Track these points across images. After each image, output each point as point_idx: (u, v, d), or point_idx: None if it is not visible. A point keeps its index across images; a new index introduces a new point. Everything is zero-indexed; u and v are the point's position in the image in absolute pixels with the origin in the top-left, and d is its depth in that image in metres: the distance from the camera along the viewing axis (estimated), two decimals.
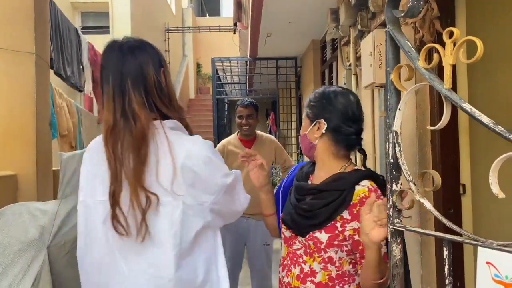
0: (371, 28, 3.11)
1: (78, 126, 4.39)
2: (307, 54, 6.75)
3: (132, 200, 1.15)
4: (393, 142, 1.17)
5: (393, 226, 1.15)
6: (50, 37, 3.62)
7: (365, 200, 1.28)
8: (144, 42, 1.40)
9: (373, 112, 3.28)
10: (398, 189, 1.21)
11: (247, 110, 3.25)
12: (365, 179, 1.34)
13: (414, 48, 1.11)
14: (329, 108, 1.39)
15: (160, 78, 1.31)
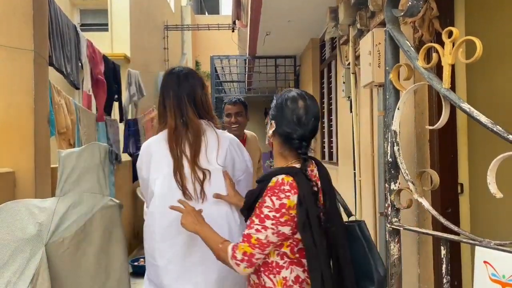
0: (370, 27, 3.11)
1: (77, 124, 4.38)
2: (306, 53, 6.75)
3: (192, 176, 1.78)
4: (391, 141, 1.17)
5: (391, 225, 1.15)
6: (50, 34, 3.60)
7: (269, 188, 1.43)
8: (193, 71, 2.03)
9: (372, 111, 3.28)
10: (396, 188, 1.22)
11: (235, 108, 3.12)
12: (282, 174, 1.46)
13: (413, 47, 1.12)
14: (280, 112, 1.55)
15: (203, 96, 1.95)
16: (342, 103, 4.39)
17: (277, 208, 1.39)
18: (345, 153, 4.31)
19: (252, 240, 1.40)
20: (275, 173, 1.46)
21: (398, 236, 1.18)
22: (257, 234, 1.40)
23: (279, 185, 1.41)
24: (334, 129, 5.10)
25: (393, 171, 1.14)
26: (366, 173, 3.45)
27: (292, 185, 1.40)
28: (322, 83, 6.03)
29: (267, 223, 1.39)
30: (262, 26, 5.45)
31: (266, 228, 1.39)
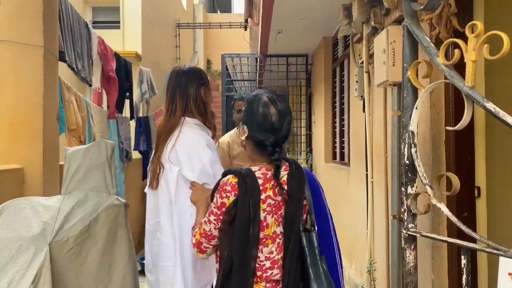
0: (385, 25, 3.03)
1: (88, 121, 4.36)
2: (318, 51, 6.66)
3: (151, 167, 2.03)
4: (409, 142, 1.11)
5: (407, 231, 1.09)
6: (62, 30, 3.59)
7: (217, 185, 1.55)
8: (193, 69, 2.13)
9: (385, 111, 3.20)
10: (413, 192, 1.15)
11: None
12: (232, 174, 1.53)
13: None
14: (251, 117, 1.56)
15: (198, 93, 2.05)
16: (354, 102, 4.30)
17: (218, 206, 1.49)
18: (357, 154, 4.23)
19: (201, 229, 1.56)
20: (228, 172, 1.56)
21: (415, 242, 1.11)
22: (205, 225, 1.55)
23: (223, 184, 1.51)
24: (346, 129, 5.01)
25: (410, 174, 1.08)
26: (378, 175, 3.37)
27: (234, 187, 1.47)
28: (334, 82, 5.94)
29: (211, 217, 1.53)
30: (274, 24, 5.39)
31: (210, 222, 1.53)
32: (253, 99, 1.59)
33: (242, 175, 1.47)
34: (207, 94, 2.11)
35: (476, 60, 0.93)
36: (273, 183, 1.49)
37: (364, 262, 3.63)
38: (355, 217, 4.22)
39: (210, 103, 2.14)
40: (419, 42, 1.02)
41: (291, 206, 1.49)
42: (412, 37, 1.06)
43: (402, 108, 1.12)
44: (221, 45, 14.29)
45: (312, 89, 7.42)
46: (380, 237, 3.28)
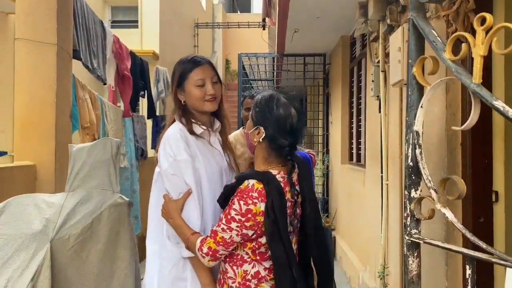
0: (401, 22, 2.94)
1: (102, 119, 4.40)
2: (336, 51, 6.56)
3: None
4: (413, 143, 1.04)
5: (409, 238, 1.02)
6: (77, 28, 3.62)
7: (239, 191, 1.46)
8: (188, 58, 1.89)
9: (401, 111, 3.10)
10: (417, 196, 1.09)
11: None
12: (255, 179, 1.47)
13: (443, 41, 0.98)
14: (269, 118, 1.51)
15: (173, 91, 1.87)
16: (371, 102, 4.21)
17: (243, 213, 1.43)
18: (373, 155, 4.13)
19: (217, 237, 1.47)
20: (248, 176, 1.49)
21: (418, 250, 1.05)
22: (223, 233, 1.46)
23: (248, 190, 1.44)
24: (363, 130, 4.91)
25: (413, 177, 1.02)
26: (393, 177, 3.27)
27: (260, 193, 1.43)
28: (351, 82, 5.84)
29: (233, 224, 1.45)
30: (290, 22, 5.32)
31: (231, 229, 1.45)
32: (270, 99, 1.55)
33: (267, 181, 1.45)
34: (180, 93, 1.84)
35: (484, 55, 0.85)
36: (289, 186, 1.51)
37: (378, 266, 3.54)
38: (370, 219, 4.13)
39: (192, 98, 1.80)
40: (425, 37, 0.96)
41: (307, 207, 1.54)
42: (418, 31, 1.00)
43: (407, 106, 1.05)
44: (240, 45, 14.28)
45: (330, 89, 7.32)
46: (394, 241, 3.18)
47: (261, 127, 1.52)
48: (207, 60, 1.88)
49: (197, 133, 1.79)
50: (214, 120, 1.92)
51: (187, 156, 1.71)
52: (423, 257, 2.50)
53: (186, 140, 1.75)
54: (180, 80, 1.82)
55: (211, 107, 1.82)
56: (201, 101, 1.79)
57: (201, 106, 1.80)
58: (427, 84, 1.02)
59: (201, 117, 1.85)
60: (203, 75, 1.80)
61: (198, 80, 1.79)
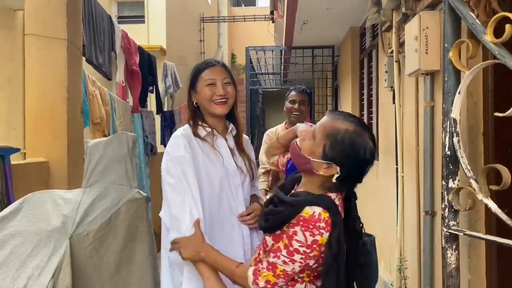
0: (417, 11, 2.87)
1: (112, 115, 4.37)
2: (345, 42, 6.49)
3: None
4: (450, 131, 0.99)
5: (448, 230, 0.98)
6: (83, 24, 3.58)
7: (302, 220, 1.30)
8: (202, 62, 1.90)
9: (417, 102, 3.04)
10: (455, 186, 1.03)
11: (301, 96, 3.14)
12: (319, 207, 1.33)
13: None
14: (351, 161, 1.34)
15: (188, 98, 1.88)
16: (383, 93, 4.14)
17: (308, 244, 1.30)
18: (386, 147, 4.08)
19: (278, 270, 1.33)
20: (310, 202, 1.34)
21: (457, 242, 1.00)
22: (284, 266, 1.33)
23: (315, 221, 1.30)
24: (375, 122, 4.85)
25: (451, 167, 0.97)
26: (409, 169, 3.22)
27: (327, 222, 1.31)
28: (361, 74, 5.77)
29: (296, 257, 1.31)
30: (299, 14, 5.25)
31: (294, 261, 1.32)
32: (356, 141, 1.33)
33: (332, 209, 1.33)
34: (193, 94, 1.84)
35: None
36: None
37: (394, 260, 3.50)
38: (385, 212, 4.08)
39: (201, 99, 1.79)
40: (463, 19, 0.91)
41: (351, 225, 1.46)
42: (455, 14, 0.95)
43: (443, 93, 1.01)
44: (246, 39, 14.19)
45: (339, 81, 7.25)
46: (411, 234, 3.14)
47: (336, 167, 1.34)
48: (221, 62, 1.88)
49: (201, 136, 1.76)
50: (229, 124, 1.90)
51: (185, 152, 1.66)
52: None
53: (189, 139, 1.72)
54: (193, 81, 1.83)
55: (220, 110, 1.77)
56: (210, 102, 1.76)
57: (210, 107, 1.77)
58: (465, 69, 0.97)
59: (213, 121, 1.82)
60: (214, 75, 1.79)
61: (208, 80, 1.77)
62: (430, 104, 2.69)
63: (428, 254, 2.68)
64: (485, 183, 0.93)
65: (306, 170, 1.42)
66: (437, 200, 2.66)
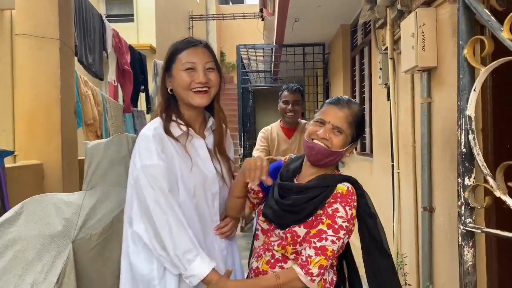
0: (412, 8, 2.88)
1: (104, 115, 4.32)
2: (335, 40, 6.50)
3: None
4: (465, 128, 1.00)
5: (464, 227, 0.98)
6: (74, 23, 3.53)
7: (339, 196, 1.36)
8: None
9: (413, 98, 3.06)
10: (471, 183, 1.04)
11: (294, 96, 3.11)
12: (347, 182, 1.43)
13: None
14: (362, 131, 1.52)
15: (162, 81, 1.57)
16: (377, 90, 4.16)
17: (349, 218, 1.35)
18: (380, 144, 4.10)
19: (328, 252, 1.34)
20: (340, 180, 1.42)
21: (473, 239, 1.01)
22: (333, 245, 1.34)
23: (351, 194, 1.38)
24: (368, 119, 4.87)
25: (467, 164, 0.97)
26: (405, 165, 3.24)
27: (355, 195, 1.40)
28: (353, 71, 5.79)
29: (341, 233, 1.34)
30: (291, 12, 5.25)
31: (340, 238, 1.34)
32: (360, 111, 1.50)
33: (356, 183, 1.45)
34: (167, 78, 1.54)
35: None
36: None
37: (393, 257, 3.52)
38: (380, 209, 4.07)
39: (177, 86, 1.51)
40: (479, 16, 0.90)
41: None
42: (469, 11, 0.94)
43: (458, 90, 1.01)
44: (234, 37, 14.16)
45: (330, 78, 7.27)
46: (409, 230, 3.16)
47: (357, 143, 1.51)
48: (204, 42, 1.56)
49: (174, 135, 1.48)
50: (208, 118, 1.62)
51: (158, 160, 1.42)
52: (446, 246, 2.47)
53: (161, 141, 1.45)
54: (169, 62, 1.52)
55: (200, 101, 1.49)
56: (187, 90, 1.48)
57: (187, 96, 1.48)
58: (481, 66, 0.96)
59: (190, 114, 1.54)
60: (194, 58, 1.48)
61: (187, 63, 1.47)
62: (427, 100, 2.70)
63: (427, 249, 2.70)
64: (502, 180, 0.93)
65: (335, 163, 1.49)
66: (435, 195, 2.68)
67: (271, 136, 3.19)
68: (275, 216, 1.46)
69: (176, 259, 1.37)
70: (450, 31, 2.43)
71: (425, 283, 2.71)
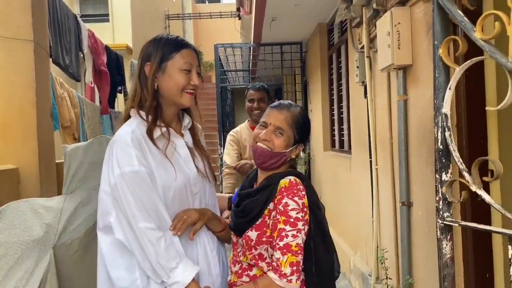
0: (388, 7, 2.94)
1: (81, 117, 4.25)
2: (313, 39, 6.56)
3: None
4: (442, 126, 1.03)
5: (443, 221, 1.02)
6: (48, 24, 3.45)
7: (284, 190, 1.37)
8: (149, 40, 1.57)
9: (390, 96, 3.12)
10: (448, 179, 1.08)
11: (258, 94, 3.12)
12: (290, 176, 1.43)
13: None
14: (308, 132, 1.55)
15: (141, 72, 1.50)
16: (354, 88, 4.22)
17: (301, 208, 1.36)
18: (359, 141, 4.16)
19: (293, 247, 1.32)
20: (280, 177, 1.44)
21: (451, 233, 1.04)
22: (295, 239, 1.33)
23: (294, 185, 1.39)
24: (345, 116, 4.94)
25: (444, 160, 1.00)
26: (383, 161, 3.30)
27: (303, 186, 1.41)
28: (330, 70, 5.86)
29: (299, 225, 1.34)
30: (268, 11, 5.27)
31: (300, 230, 1.34)
32: (307, 117, 1.56)
33: (300, 176, 1.45)
34: (157, 74, 1.48)
35: None
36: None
37: (370, 250, 3.59)
38: (359, 204, 4.17)
39: (172, 85, 1.48)
40: (453, 17, 0.94)
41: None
42: (443, 12, 0.98)
43: (434, 89, 1.04)
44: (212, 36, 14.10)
45: (308, 77, 7.33)
46: (388, 225, 3.22)
47: (301, 145, 1.52)
48: (193, 46, 1.58)
49: (154, 136, 1.45)
50: (183, 117, 1.62)
51: (139, 166, 1.37)
52: (424, 239, 2.54)
53: (140, 145, 1.40)
54: (162, 59, 1.46)
55: (189, 102, 1.51)
56: (180, 91, 1.47)
57: (178, 97, 1.48)
58: (455, 66, 1.00)
59: (171, 114, 1.53)
60: (191, 60, 1.49)
61: (186, 64, 1.47)
62: (403, 97, 2.77)
63: (406, 243, 2.77)
64: (477, 175, 0.97)
65: (280, 164, 1.49)
66: (413, 190, 2.75)
67: (241, 138, 3.13)
68: (234, 224, 1.51)
69: (158, 266, 1.36)
70: (424, 29, 2.49)
71: (405, 276, 2.77)
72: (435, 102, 1.06)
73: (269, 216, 1.40)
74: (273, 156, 1.46)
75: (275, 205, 1.38)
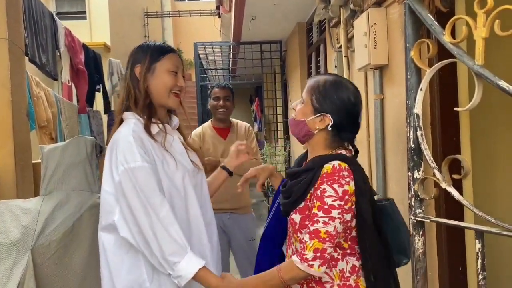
0: (364, 8, 2.99)
1: (58, 116, 4.18)
2: (292, 38, 6.61)
3: None
4: (414, 125, 1.07)
5: (415, 217, 1.06)
6: (24, 22, 3.39)
7: (325, 176, 1.31)
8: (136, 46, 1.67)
9: (367, 95, 3.18)
10: (420, 176, 1.12)
11: (224, 92, 3.12)
12: (335, 160, 1.35)
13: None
14: (339, 106, 1.38)
15: (132, 75, 1.59)
16: None
17: (341, 196, 1.28)
18: None
19: (321, 234, 1.28)
20: (325, 160, 1.35)
21: (423, 228, 1.08)
22: (326, 227, 1.28)
23: (337, 171, 1.30)
24: None
25: (416, 158, 1.05)
26: (361, 159, 3.34)
27: (349, 171, 1.32)
28: (310, 68, 5.91)
29: (334, 213, 1.28)
30: (248, 10, 5.29)
31: (334, 218, 1.28)
32: (337, 85, 1.40)
33: (349, 160, 1.36)
34: (147, 74, 1.56)
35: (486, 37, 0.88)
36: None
37: None
38: None
39: (161, 85, 1.57)
40: (423, 21, 0.97)
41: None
42: (415, 15, 1.01)
43: (407, 90, 1.08)
44: (191, 34, 14.03)
45: (287, 75, 7.38)
46: None
47: (328, 116, 1.38)
48: (178, 52, 1.72)
49: (152, 133, 1.53)
50: (171, 117, 1.71)
51: (143, 162, 1.42)
52: None
53: (142, 143, 1.46)
54: (151, 61, 1.56)
55: (175, 104, 1.61)
56: (168, 92, 1.56)
57: (165, 98, 1.56)
58: (426, 67, 1.04)
59: (160, 112, 1.62)
60: (178, 63, 1.61)
61: (173, 66, 1.57)
62: (380, 97, 2.83)
63: None
64: (447, 172, 1.01)
65: (306, 135, 1.44)
66: (389, 187, 2.81)
67: (204, 138, 3.08)
68: (282, 205, 1.49)
69: (163, 261, 1.39)
70: (400, 30, 2.55)
71: None
72: (407, 103, 1.10)
73: (310, 200, 1.37)
74: (295, 124, 1.45)
75: (314, 190, 1.35)
